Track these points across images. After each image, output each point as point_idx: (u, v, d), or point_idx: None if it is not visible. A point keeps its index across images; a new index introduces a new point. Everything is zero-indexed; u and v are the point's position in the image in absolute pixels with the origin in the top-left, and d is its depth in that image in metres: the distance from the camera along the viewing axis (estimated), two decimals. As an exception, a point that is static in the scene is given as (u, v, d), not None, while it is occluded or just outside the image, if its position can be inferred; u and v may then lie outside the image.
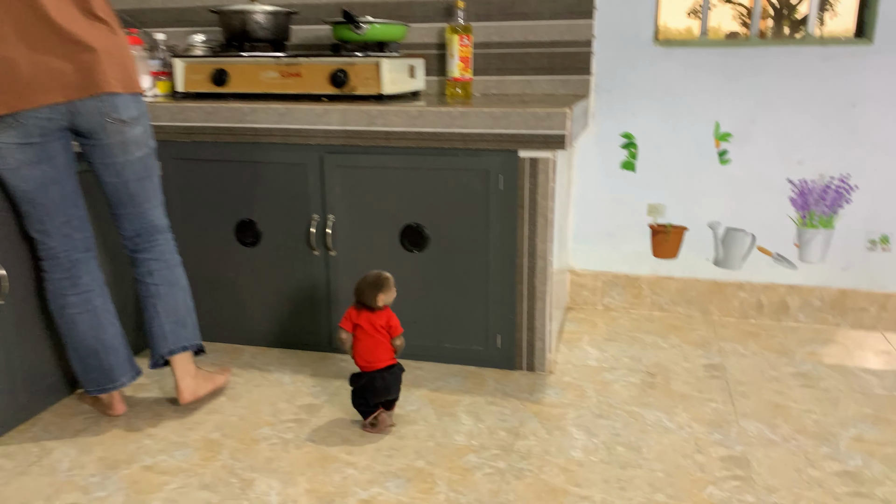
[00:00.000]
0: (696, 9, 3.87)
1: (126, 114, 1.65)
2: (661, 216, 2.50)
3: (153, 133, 1.82)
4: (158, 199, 1.80)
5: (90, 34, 1.57)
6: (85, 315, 1.73)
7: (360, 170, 2.06)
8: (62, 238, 1.69)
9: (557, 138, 1.87)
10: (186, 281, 1.87)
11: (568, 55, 2.39)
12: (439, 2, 2.45)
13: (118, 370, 1.78)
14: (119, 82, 1.62)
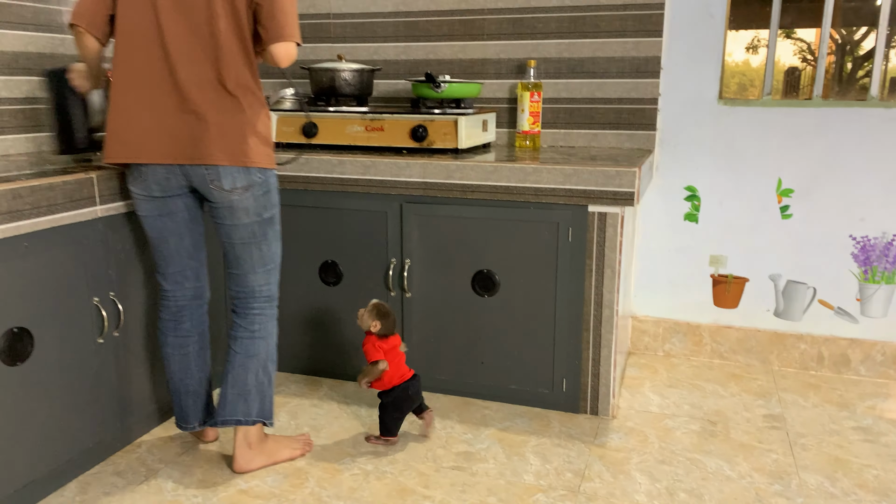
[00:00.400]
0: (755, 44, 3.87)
1: (229, 184, 1.71)
2: (723, 267, 2.57)
3: (272, 204, 1.80)
4: (264, 268, 1.83)
5: (211, 107, 1.66)
6: (178, 357, 1.89)
7: (436, 218, 2.21)
8: (175, 284, 1.86)
9: (626, 195, 1.99)
10: (269, 355, 1.87)
11: (634, 111, 2.51)
12: (511, 60, 2.61)
13: (192, 415, 1.94)
14: (226, 155, 1.68)
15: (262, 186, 1.76)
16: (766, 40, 2.42)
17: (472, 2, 2.61)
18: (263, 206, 1.78)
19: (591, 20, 2.49)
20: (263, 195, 1.77)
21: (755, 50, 2.46)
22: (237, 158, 1.70)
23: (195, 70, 1.66)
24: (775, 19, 2.41)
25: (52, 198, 1.65)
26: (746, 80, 2.49)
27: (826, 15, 2.36)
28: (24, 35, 2.22)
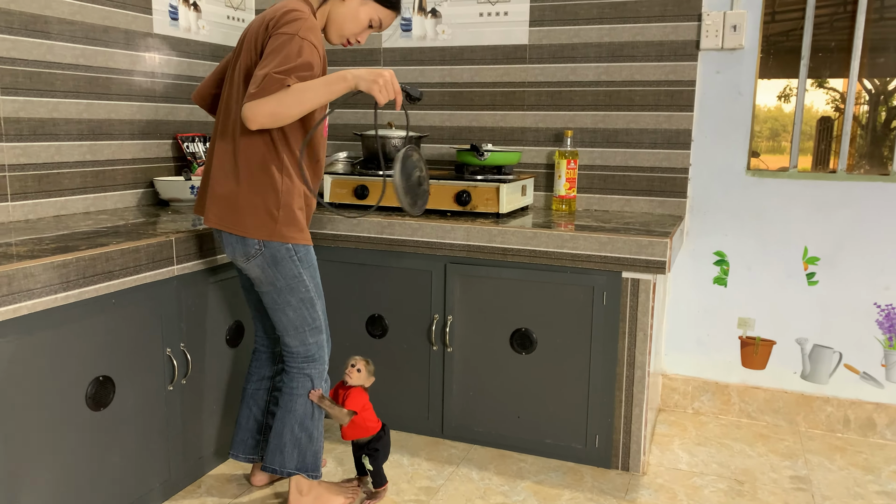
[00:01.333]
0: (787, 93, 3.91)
1: (230, 252, 1.85)
2: (751, 329, 2.68)
3: (285, 275, 1.85)
4: (296, 331, 1.91)
5: (222, 175, 1.82)
6: (245, 389, 2.15)
7: (478, 279, 2.36)
8: (255, 328, 2.14)
9: (658, 264, 2.12)
10: (307, 412, 1.95)
11: (666, 179, 2.66)
12: (549, 129, 2.79)
13: (237, 445, 2.14)
14: (220, 220, 1.81)
15: (266, 258, 1.82)
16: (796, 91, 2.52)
17: (513, 75, 2.80)
18: (274, 276, 1.84)
19: (626, 94, 2.66)
20: (270, 266, 1.83)
21: (787, 98, 2.57)
22: (233, 227, 1.81)
23: (219, 141, 1.87)
24: (802, 82, 2.55)
25: (138, 259, 1.84)
26: (779, 126, 2.58)
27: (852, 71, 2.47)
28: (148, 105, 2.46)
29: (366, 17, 1.89)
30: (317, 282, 1.95)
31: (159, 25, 2.63)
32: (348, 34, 1.92)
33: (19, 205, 2.18)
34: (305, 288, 1.91)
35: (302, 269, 1.90)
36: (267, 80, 1.66)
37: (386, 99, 1.74)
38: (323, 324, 1.98)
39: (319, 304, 1.96)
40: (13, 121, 2.13)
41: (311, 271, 1.93)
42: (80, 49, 2.32)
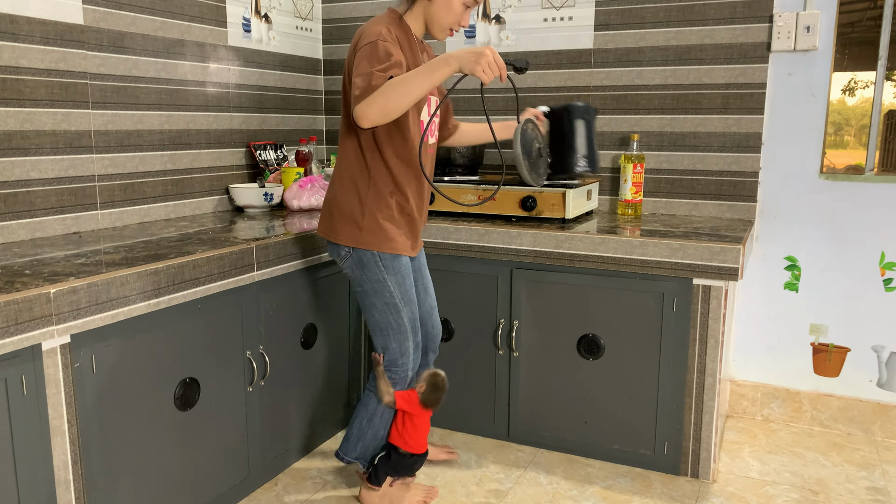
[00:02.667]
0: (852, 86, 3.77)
1: (330, 254, 2.05)
2: (824, 336, 2.62)
3: (368, 279, 1.96)
4: (380, 333, 2.01)
5: (329, 185, 2.04)
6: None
7: (545, 284, 2.38)
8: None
9: (731, 271, 2.10)
10: (377, 410, 2.05)
11: (735, 183, 2.62)
12: (615, 133, 2.78)
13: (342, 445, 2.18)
14: (321, 226, 2.04)
15: (354, 260, 1.97)
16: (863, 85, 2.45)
17: (578, 80, 2.80)
18: (360, 279, 1.98)
19: (694, 98, 2.64)
20: (358, 268, 1.97)
21: (851, 92, 2.49)
22: (327, 233, 2.02)
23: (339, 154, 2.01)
24: (881, 76, 2.48)
25: (222, 265, 1.92)
26: (842, 119, 2.51)
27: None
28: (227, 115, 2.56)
29: (458, 3, 1.90)
30: (405, 289, 1.99)
31: (233, 38, 2.73)
32: (449, 25, 1.93)
33: (107, 213, 2.29)
34: (390, 293, 1.98)
35: (387, 274, 1.97)
36: (367, 78, 1.72)
37: (491, 77, 1.71)
38: (408, 331, 2.02)
39: (406, 311, 2.00)
40: (102, 133, 2.25)
41: (399, 278, 1.98)
42: (161, 63, 2.43)
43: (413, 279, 2.08)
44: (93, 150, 2.23)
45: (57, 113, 2.10)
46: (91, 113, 2.21)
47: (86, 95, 2.19)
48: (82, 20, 2.16)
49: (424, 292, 2.18)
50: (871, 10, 2.41)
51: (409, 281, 2.02)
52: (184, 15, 2.50)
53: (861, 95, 2.48)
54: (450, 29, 1.94)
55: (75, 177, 2.18)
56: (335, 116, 3.29)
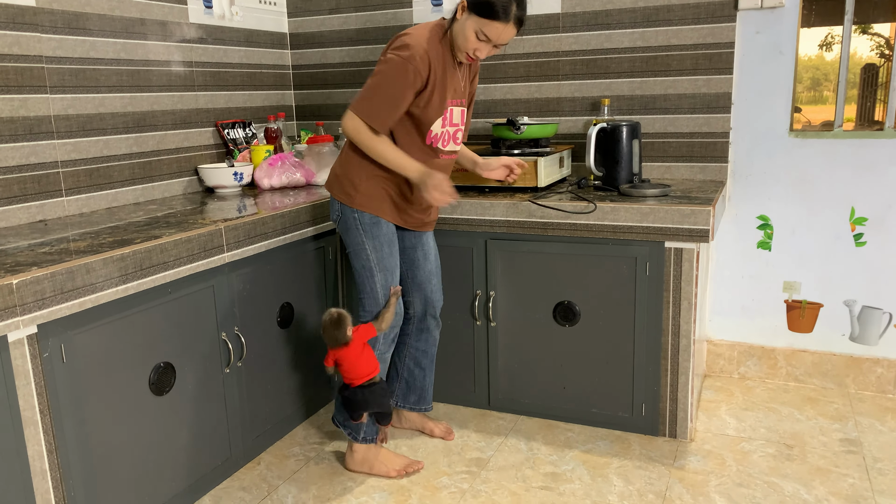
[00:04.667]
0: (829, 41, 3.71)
1: (330, 214, 2.14)
2: (797, 293, 2.65)
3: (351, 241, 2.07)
4: (360, 293, 2.10)
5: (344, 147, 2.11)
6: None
7: (519, 254, 2.38)
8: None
9: (701, 233, 2.11)
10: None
11: (706, 145, 2.63)
12: (585, 98, 2.76)
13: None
14: (328, 183, 2.12)
15: (342, 223, 2.07)
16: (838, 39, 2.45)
17: (546, 45, 2.78)
18: (346, 241, 2.09)
19: (663, 60, 2.62)
20: (344, 231, 2.08)
21: (829, 47, 2.49)
22: (329, 186, 2.11)
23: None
24: (848, 30, 2.48)
25: (191, 248, 1.90)
26: (820, 75, 2.52)
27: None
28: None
29: (471, 31, 1.89)
30: (381, 255, 2.06)
31: (194, 14, 2.67)
32: (464, 49, 1.93)
33: (73, 199, 2.26)
34: (366, 256, 2.06)
35: (365, 238, 2.05)
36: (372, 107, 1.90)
37: (439, 204, 1.95)
38: (379, 297, 2.08)
39: (379, 277, 2.07)
40: (63, 118, 2.20)
41: (377, 243, 2.05)
42: (120, 44, 2.37)
43: (412, 245, 2.19)
44: (54, 136, 2.18)
45: (14, 99, 2.05)
46: (49, 98, 2.16)
47: (43, 80, 2.14)
48: (34, 2, 2.09)
49: (424, 258, 2.22)
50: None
51: (389, 249, 2.06)
52: (141, -7, 2.44)
53: (838, 50, 2.47)
54: (466, 54, 1.94)
55: (37, 164, 2.14)
56: (304, 91, 3.24)
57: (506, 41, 1.92)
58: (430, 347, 2.32)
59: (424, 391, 2.35)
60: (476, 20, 1.86)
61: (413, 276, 2.23)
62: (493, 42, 1.90)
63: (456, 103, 2.03)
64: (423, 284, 2.22)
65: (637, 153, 2.42)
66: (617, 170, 2.42)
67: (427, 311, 2.26)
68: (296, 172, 2.74)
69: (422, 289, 2.23)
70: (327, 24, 3.11)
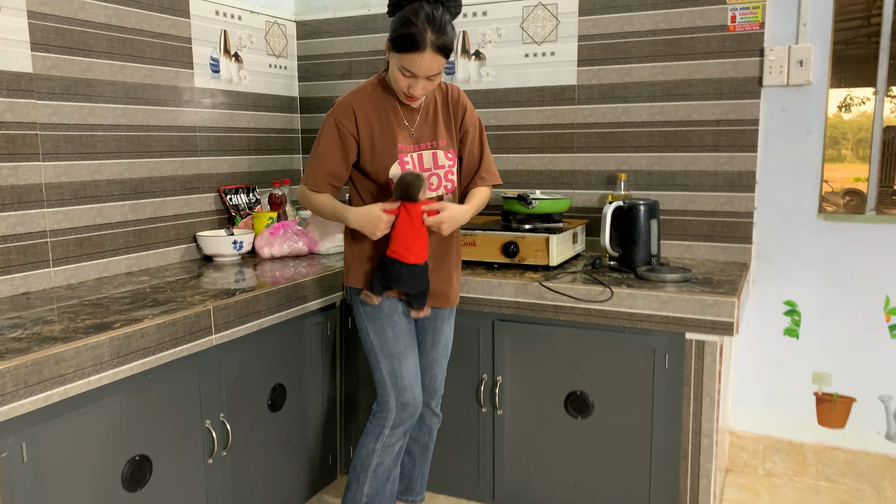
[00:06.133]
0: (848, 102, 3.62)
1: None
2: (827, 385, 2.47)
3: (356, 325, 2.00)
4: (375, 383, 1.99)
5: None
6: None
7: (529, 337, 2.23)
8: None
9: (725, 325, 1.96)
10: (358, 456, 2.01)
11: (729, 224, 2.49)
12: (601, 172, 2.65)
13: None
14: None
15: (352, 305, 2.00)
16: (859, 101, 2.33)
17: (561, 117, 2.68)
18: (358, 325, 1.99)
19: (683, 135, 2.51)
20: (353, 314, 2.00)
21: (847, 108, 2.37)
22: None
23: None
24: (881, 97, 2.35)
25: (175, 332, 1.77)
26: (838, 133, 2.38)
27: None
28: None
29: (395, 70, 1.78)
30: (385, 340, 1.94)
31: (200, 79, 2.61)
32: (398, 90, 1.82)
33: (61, 270, 2.15)
34: (370, 342, 1.97)
35: (367, 322, 1.96)
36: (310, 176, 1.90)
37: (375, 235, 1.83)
38: (388, 385, 1.95)
39: (385, 364, 1.94)
40: (55, 186, 2.12)
41: (378, 327, 1.94)
42: (121, 109, 2.30)
43: (423, 327, 2.04)
44: (44, 205, 2.09)
45: (2, 168, 1.97)
46: (42, 165, 2.08)
47: (35, 147, 2.06)
48: (31, 68, 2.03)
49: (432, 344, 2.07)
50: (864, 27, 2.30)
51: (394, 332, 1.93)
52: (145, 58, 2.38)
53: (857, 111, 2.35)
54: (404, 94, 1.83)
55: (24, 234, 2.04)
56: (312, 156, 3.16)
57: (434, 72, 1.75)
58: (423, 436, 2.15)
59: (413, 481, 2.18)
60: (397, 57, 1.75)
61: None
62: (419, 75, 1.75)
63: (424, 147, 1.89)
64: (423, 372, 2.07)
65: (655, 233, 2.29)
66: (634, 251, 2.28)
67: (423, 401, 2.10)
68: (298, 241, 2.63)
69: (423, 376, 2.07)
70: (338, 90, 3.05)
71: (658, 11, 2.48)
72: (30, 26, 2.02)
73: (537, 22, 2.67)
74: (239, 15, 2.78)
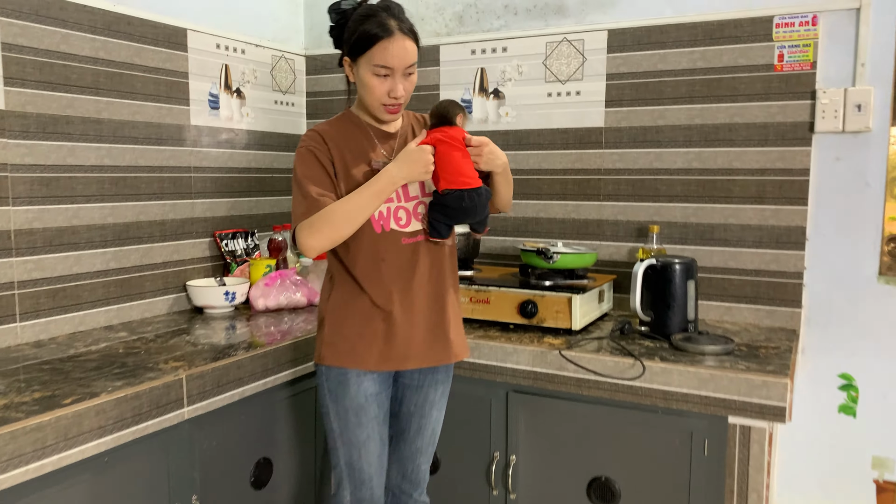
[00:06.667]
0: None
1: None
2: (889, 472, 2.15)
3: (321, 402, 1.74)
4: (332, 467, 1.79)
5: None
6: None
7: (547, 413, 1.97)
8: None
9: (775, 410, 1.68)
10: None
11: (774, 285, 2.22)
12: (631, 223, 2.40)
13: None
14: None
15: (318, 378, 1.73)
16: None
17: (587, 161, 2.45)
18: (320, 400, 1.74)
19: (723, 184, 2.26)
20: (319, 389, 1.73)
21: None
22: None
23: None
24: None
25: (138, 407, 1.55)
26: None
27: None
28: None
29: (368, 76, 1.56)
30: (348, 427, 1.68)
31: (198, 116, 2.42)
32: (378, 101, 1.59)
33: (30, 325, 1.95)
34: (330, 426, 1.72)
35: (329, 401, 1.70)
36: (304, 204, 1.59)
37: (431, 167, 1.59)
38: (344, 476, 1.70)
39: (343, 452, 1.69)
40: (26, 233, 1.92)
41: (341, 410, 1.68)
42: (105, 148, 2.12)
43: (408, 412, 1.77)
44: (12, 253, 1.90)
45: (-36, 213, 1.78)
46: (11, 210, 1.89)
47: (5, 190, 1.87)
48: (3, 104, 1.85)
49: (417, 431, 1.78)
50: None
51: (357, 418, 1.67)
52: (135, 94, 2.20)
53: None
54: (383, 105, 1.61)
55: (-13, 286, 1.84)
56: (318, 198, 2.96)
57: (410, 61, 1.57)
58: None
59: None
60: (365, 59, 1.56)
61: (395, 448, 1.80)
62: (397, 68, 1.55)
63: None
64: (405, 461, 1.79)
65: (693, 296, 2.03)
66: (668, 315, 2.02)
67: (403, 488, 1.81)
68: (296, 292, 2.41)
69: (402, 465, 1.80)
70: (347, 128, 2.85)
71: (696, 49, 2.25)
72: (3, 59, 1.85)
73: (562, 59, 2.45)
74: (242, 49, 2.60)
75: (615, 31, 2.36)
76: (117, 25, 2.13)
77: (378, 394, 1.68)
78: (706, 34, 2.24)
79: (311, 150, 1.61)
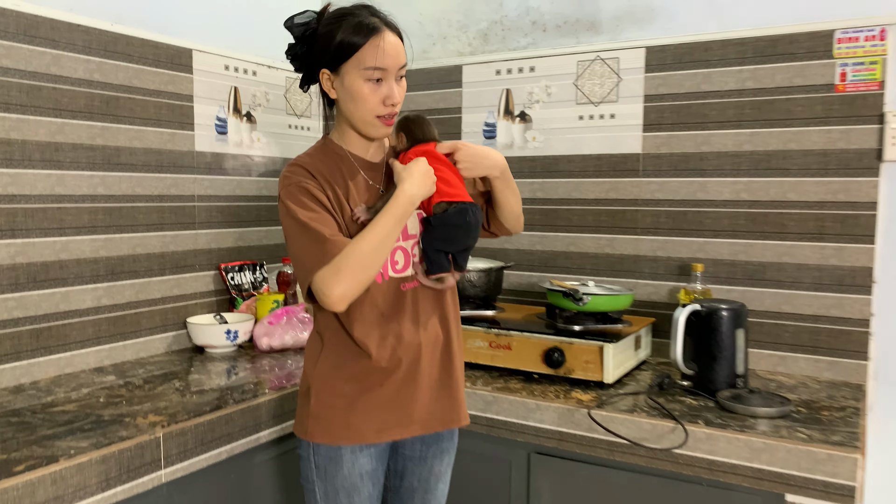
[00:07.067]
0: None
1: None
2: (977, 555, 1.86)
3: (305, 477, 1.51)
4: None
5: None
6: None
7: (574, 478, 1.74)
8: None
9: (844, 490, 1.42)
10: None
11: (836, 333, 1.95)
12: (671, 259, 2.16)
13: None
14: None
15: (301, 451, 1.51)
16: None
17: (622, 191, 2.22)
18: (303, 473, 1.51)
19: (775, 218, 2.01)
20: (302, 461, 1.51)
21: None
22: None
23: None
24: None
25: (106, 471, 1.37)
26: None
27: None
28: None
29: (359, 83, 1.37)
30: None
31: (203, 142, 2.28)
32: (372, 112, 1.39)
33: (9, 368, 1.80)
34: (314, 500, 1.48)
35: (316, 477, 1.47)
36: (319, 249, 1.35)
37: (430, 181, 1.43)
38: None
39: None
40: (7, 269, 1.78)
41: (330, 490, 1.44)
42: (98, 177, 1.98)
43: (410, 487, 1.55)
44: (-9, 290, 1.76)
45: (-64, 249, 1.65)
46: (-9, 244, 1.75)
47: (-15, 223, 1.73)
48: (-16, 131, 1.72)
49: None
50: None
51: (350, 501, 1.45)
52: (134, 118, 2.06)
53: None
54: (378, 117, 1.41)
55: (-38, 327, 1.70)
56: (334, 227, 2.79)
57: (402, 60, 1.40)
58: None
59: None
60: (354, 63, 1.37)
61: None
62: (391, 68, 1.37)
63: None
64: None
65: (742, 347, 1.78)
66: (714, 369, 1.78)
67: None
68: (303, 331, 2.23)
69: None
70: (364, 153, 2.68)
71: (744, 67, 2.02)
72: (-15, 83, 1.72)
73: (595, 79, 2.24)
74: (254, 70, 2.45)
75: (653, 48, 2.15)
76: (115, 46, 2.00)
77: (374, 470, 1.46)
78: (756, 51, 2.01)
79: (304, 187, 1.39)
